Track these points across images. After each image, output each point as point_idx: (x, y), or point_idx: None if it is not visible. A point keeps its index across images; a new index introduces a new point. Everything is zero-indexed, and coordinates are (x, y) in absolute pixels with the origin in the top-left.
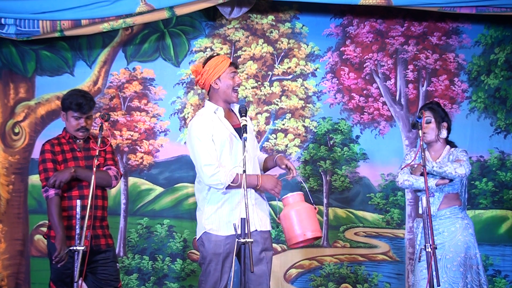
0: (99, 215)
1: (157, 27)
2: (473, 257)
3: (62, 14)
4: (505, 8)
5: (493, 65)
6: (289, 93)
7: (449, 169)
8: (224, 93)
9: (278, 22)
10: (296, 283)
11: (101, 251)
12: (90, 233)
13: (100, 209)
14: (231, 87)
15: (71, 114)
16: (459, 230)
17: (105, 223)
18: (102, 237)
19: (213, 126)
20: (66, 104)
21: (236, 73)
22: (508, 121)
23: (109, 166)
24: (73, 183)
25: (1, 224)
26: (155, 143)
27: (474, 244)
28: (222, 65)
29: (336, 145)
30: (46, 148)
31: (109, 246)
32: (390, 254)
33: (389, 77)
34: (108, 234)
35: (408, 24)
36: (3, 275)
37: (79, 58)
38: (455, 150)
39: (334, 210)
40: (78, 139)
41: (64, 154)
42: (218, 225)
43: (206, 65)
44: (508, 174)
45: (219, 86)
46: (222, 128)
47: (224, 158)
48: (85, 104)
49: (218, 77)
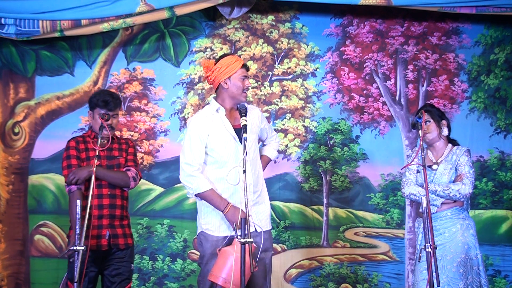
0: (118, 214)
1: (157, 27)
2: (474, 257)
3: (62, 14)
4: (505, 8)
5: (493, 65)
6: (289, 93)
7: (453, 192)
8: (233, 94)
9: (278, 22)
10: (296, 283)
11: (119, 250)
12: (109, 232)
13: (119, 208)
14: (240, 89)
15: (97, 112)
16: (460, 230)
17: (125, 222)
18: (121, 237)
19: (210, 126)
20: (94, 102)
21: (247, 76)
22: (508, 121)
23: (129, 167)
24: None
25: (1, 224)
26: (155, 143)
27: (475, 245)
28: (234, 66)
29: (336, 145)
30: (71, 145)
31: (128, 245)
32: (390, 254)
33: (389, 77)
34: (128, 233)
35: (408, 24)
36: (3, 275)
37: (79, 58)
38: (458, 149)
39: (334, 210)
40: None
41: (87, 152)
42: (214, 225)
43: (218, 63)
44: (508, 174)
45: (228, 86)
46: (221, 128)
47: (220, 158)
48: (112, 102)
49: (228, 77)
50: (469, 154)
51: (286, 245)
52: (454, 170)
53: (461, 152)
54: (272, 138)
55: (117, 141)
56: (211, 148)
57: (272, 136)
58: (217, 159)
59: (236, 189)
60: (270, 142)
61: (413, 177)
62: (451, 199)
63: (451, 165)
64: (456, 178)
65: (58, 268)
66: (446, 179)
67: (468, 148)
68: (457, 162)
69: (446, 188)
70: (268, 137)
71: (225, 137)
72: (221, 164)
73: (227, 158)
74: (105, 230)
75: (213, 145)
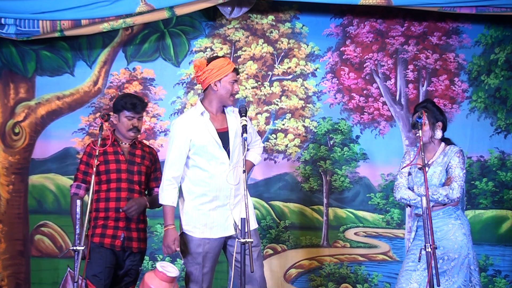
0: (135, 217)
1: (157, 27)
2: (464, 257)
3: (62, 14)
4: (505, 8)
5: (493, 65)
6: (289, 93)
7: (441, 197)
8: (221, 97)
9: (278, 22)
10: (296, 283)
11: (131, 253)
12: (124, 234)
13: None
14: (229, 93)
15: (124, 114)
16: (451, 230)
17: (142, 226)
18: (135, 240)
19: (193, 130)
20: (121, 104)
21: (236, 81)
22: (508, 121)
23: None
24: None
25: (1, 224)
26: (155, 143)
27: (467, 244)
28: (226, 69)
29: (336, 145)
30: (86, 150)
31: (141, 250)
32: (390, 254)
33: (389, 77)
34: (143, 238)
35: (408, 24)
36: (3, 275)
37: (79, 58)
38: (450, 150)
39: (334, 210)
40: (123, 142)
41: (106, 156)
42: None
43: (210, 64)
44: (508, 174)
45: (218, 89)
46: (205, 132)
47: (202, 162)
48: (139, 104)
49: (219, 80)
50: (461, 155)
51: (286, 245)
52: (445, 172)
53: (453, 153)
54: (256, 143)
55: (141, 146)
56: (193, 152)
57: (256, 141)
58: (199, 163)
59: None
60: (254, 147)
61: (404, 180)
62: (439, 203)
63: (441, 167)
64: (446, 181)
65: (58, 268)
66: (436, 181)
67: (460, 148)
68: (447, 164)
69: (434, 192)
70: (252, 141)
71: (207, 142)
72: (203, 167)
73: (208, 162)
74: (120, 231)
75: (195, 149)
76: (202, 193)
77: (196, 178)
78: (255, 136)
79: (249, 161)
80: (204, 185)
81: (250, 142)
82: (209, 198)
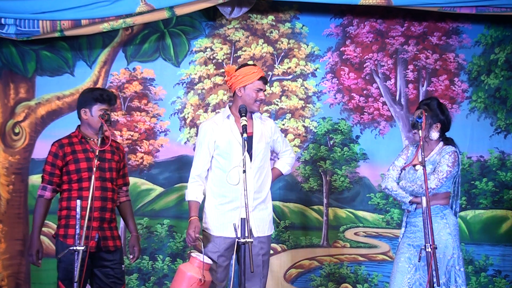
0: (107, 217)
1: (157, 27)
2: (449, 257)
3: (62, 14)
4: (505, 8)
5: (493, 65)
6: (289, 93)
7: (417, 188)
8: (245, 102)
9: (278, 22)
10: (296, 283)
11: (109, 252)
12: (99, 234)
13: (108, 212)
14: (253, 99)
15: (98, 107)
16: (436, 229)
17: (113, 225)
18: (111, 239)
19: (218, 133)
20: (92, 97)
21: (262, 89)
22: (508, 121)
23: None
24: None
25: (1, 224)
26: (155, 143)
27: (453, 244)
28: (251, 76)
29: (336, 145)
30: (51, 150)
31: (117, 247)
32: (390, 254)
33: (389, 77)
34: (116, 235)
35: (408, 24)
36: (3, 275)
37: (79, 58)
38: (444, 150)
39: (334, 210)
40: (91, 138)
41: (75, 155)
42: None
43: (238, 71)
44: (508, 174)
45: (242, 94)
46: (229, 134)
47: (224, 163)
48: (113, 97)
49: (244, 86)
50: (453, 154)
51: (286, 245)
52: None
53: (445, 152)
54: (286, 153)
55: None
56: (217, 153)
57: (286, 151)
58: (221, 164)
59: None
60: (283, 156)
61: (395, 173)
62: (417, 194)
63: (432, 166)
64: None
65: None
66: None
67: (455, 149)
68: (437, 163)
69: (411, 183)
70: (281, 151)
71: (232, 144)
72: (225, 169)
73: (233, 164)
74: (94, 232)
75: (219, 150)
76: (222, 194)
77: (218, 179)
78: (285, 146)
79: (277, 169)
80: (224, 186)
81: (279, 151)
82: (228, 199)
